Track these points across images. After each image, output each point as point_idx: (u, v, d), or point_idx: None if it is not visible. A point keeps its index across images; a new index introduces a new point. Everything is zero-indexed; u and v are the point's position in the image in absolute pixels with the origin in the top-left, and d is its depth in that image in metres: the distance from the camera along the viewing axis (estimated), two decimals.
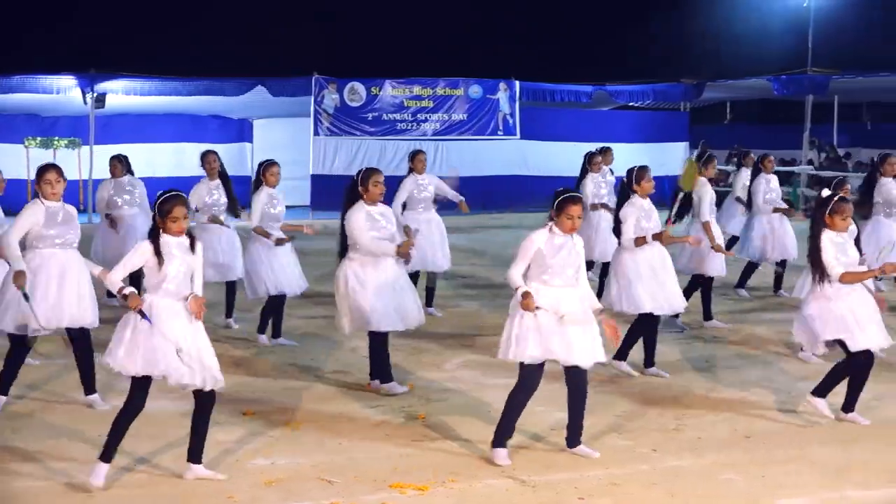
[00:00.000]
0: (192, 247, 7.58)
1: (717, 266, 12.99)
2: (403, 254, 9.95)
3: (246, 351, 11.71)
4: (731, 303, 14.84)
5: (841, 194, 9.35)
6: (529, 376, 8.08)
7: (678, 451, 8.40)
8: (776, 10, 36.08)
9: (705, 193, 12.66)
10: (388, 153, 28.33)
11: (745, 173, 16.40)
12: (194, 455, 7.66)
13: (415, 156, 13.80)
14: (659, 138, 32.11)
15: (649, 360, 10.84)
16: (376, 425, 9.00)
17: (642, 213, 10.64)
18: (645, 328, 10.74)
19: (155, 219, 7.50)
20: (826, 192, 9.27)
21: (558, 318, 7.88)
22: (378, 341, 10.03)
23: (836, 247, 8.97)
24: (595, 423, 9.00)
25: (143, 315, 7.29)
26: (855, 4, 38.18)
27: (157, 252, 7.40)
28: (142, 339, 7.33)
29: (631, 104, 33.02)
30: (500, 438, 8.12)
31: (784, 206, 15.48)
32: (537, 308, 7.85)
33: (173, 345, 7.25)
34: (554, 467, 7.94)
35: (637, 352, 10.83)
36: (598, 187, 15.51)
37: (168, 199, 7.50)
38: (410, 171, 13.77)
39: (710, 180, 13.09)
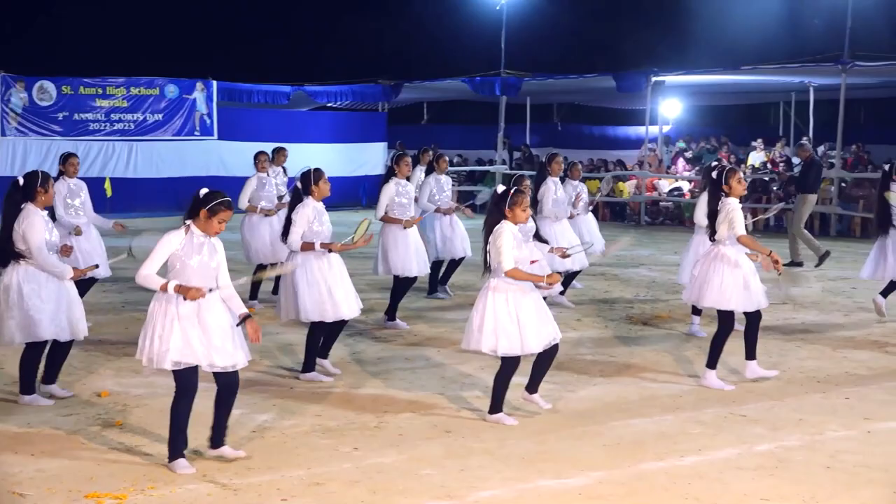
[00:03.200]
0: None
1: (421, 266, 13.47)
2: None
3: None
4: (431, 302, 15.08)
5: (519, 187, 9.32)
6: (185, 380, 7.86)
7: (380, 448, 8.46)
8: (472, 12, 36.89)
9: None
10: (79, 154, 27.57)
11: (419, 171, 16.43)
12: None
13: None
14: (357, 139, 32.42)
15: (323, 353, 10.81)
16: (70, 434, 8.71)
17: (314, 216, 10.42)
18: (317, 335, 10.60)
19: None
20: (502, 188, 9.15)
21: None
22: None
23: (517, 240, 8.95)
24: (297, 423, 9.04)
25: None
26: (546, 8, 39.44)
27: None
28: None
29: (329, 104, 33.31)
30: (175, 450, 7.88)
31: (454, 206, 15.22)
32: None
33: None
34: (255, 469, 7.87)
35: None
36: (267, 188, 15.18)
37: None
38: (61, 174, 12.98)
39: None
